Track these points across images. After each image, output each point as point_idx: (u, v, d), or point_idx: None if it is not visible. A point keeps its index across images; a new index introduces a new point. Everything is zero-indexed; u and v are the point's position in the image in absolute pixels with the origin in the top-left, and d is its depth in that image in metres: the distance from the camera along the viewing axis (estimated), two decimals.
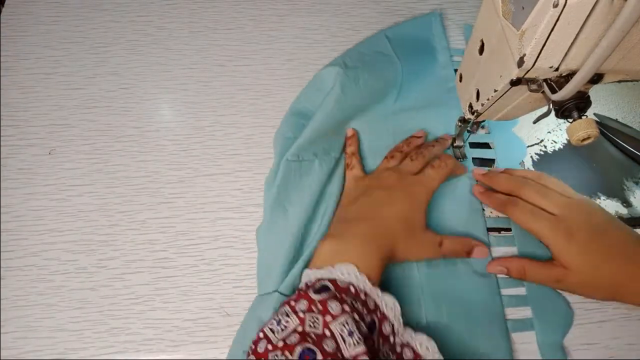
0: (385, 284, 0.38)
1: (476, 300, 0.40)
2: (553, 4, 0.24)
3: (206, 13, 0.54)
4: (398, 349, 0.32)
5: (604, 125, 0.49)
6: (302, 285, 0.35)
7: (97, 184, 0.44)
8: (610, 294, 0.36)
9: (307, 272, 0.36)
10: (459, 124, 0.44)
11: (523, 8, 0.26)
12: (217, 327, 0.40)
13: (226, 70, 0.51)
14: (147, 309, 0.40)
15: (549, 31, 0.25)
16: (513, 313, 0.40)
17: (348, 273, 0.33)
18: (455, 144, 0.46)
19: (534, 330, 0.40)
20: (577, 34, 0.25)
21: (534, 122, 0.35)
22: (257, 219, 0.44)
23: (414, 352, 0.32)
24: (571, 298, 0.41)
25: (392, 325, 0.33)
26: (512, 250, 0.43)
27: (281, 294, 0.37)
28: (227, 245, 0.43)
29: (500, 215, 0.44)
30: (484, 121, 0.44)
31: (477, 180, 0.45)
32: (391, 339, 0.32)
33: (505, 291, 0.41)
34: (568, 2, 0.23)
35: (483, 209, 0.44)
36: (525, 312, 0.40)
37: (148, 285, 0.41)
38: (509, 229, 0.43)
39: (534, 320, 0.40)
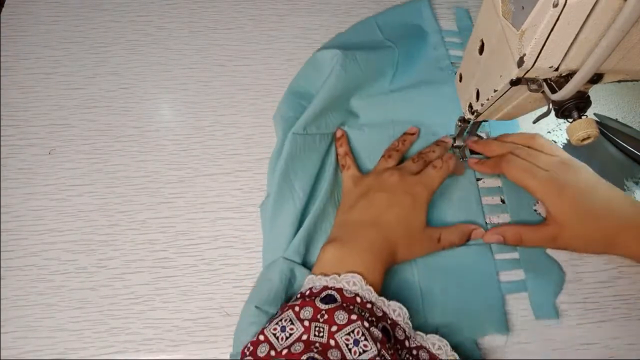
0: None
1: (469, 265, 0.42)
2: (553, 4, 0.24)
3: (206, 13, 0.54)
4: (414, 352, 0.33)
5: (604, 125, 0.49)
6: (305, 289, 0.35)
7: (97, 184, 0.44)
8: (603, 247, 0.37)
9: (311, 277, 0.36)
10: (459, 124, 0.44)
11: (523, 8, 0.26)
12: (217, 327, 0.40)
13: (226, 70, 0.51)
14: (147, 309, 0.40)
15: (549, 31, 0.25)
16: (506, 275, 0.42)
17: (354, 283, 0.33)
18: (455, 144, 0.46)
19: (526, 291, 0.41)
20: (577, 34, 0.25)
21: (534, 122, 0.35)
22: (258, 219, 0.44)
23: (429, 352, 0.33)
24: (574, 297, 0.41)
25: (404, 330, 0.33)
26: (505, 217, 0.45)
27: (286, 259, 0.39)
28: (227, 245, 0.43)
29: (492, 185, 0.46)
30: (483, 121, 0.44)
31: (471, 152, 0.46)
32: (407, 343, 0.33)
33: (498, 256, 0.43)
34: (568, 2, 0.23)
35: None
36: (518, 274, 0.42)
37: (148, 285, 0.41)
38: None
39: (526, 282, 0.41)
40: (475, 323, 0.39)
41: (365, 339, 0.29)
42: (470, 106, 0.38)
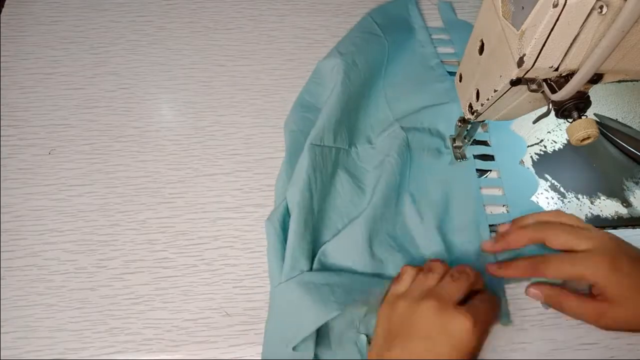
0: None
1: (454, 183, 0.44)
2: (553, 4, 0.24)
3: (206, 13, 0.54)
4: None
5: (604, 125, 0.49)
6: None
7: (97, 184, 0.44)
8: None
9: None
10: (459, 124, 0.44)
11: (523, 8, 0.26)
12: (217, 327, 0.40)
13: (226, 70, 0.51)
14: (147, 309, 0.40)
15: (549, 31, 0.25)
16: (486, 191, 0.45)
17: None
18: (455, 144, 0.46)
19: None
20: (577, 34, 0.25)
21: (534, 122, 0.35)
22: (258, 218, 0.44)
23: None
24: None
25: None
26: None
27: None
28: (227, 245, 0.43)
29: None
30: (482, 121, 0.44)
31: (487, 251, 0.42)
32: None
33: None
34: (568, 2, 0.23)
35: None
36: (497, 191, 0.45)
37: (148, 285, 0.41)
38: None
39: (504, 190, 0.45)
40: None
41: None
42: (470, 106, 0.38)
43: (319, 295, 0.36)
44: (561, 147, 0.49)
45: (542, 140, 0.49)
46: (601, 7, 0.23)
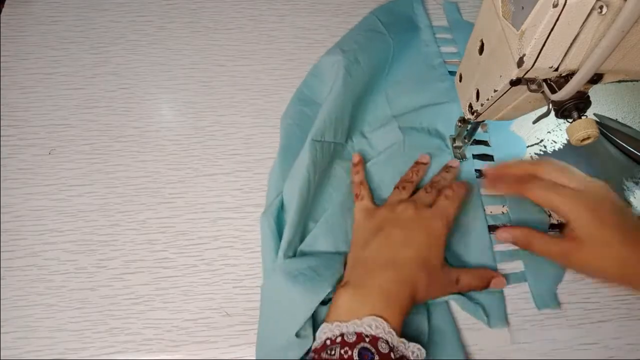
0: None
1: (469, 260, 0.42)
2: (553, 4, 0.24)
3: (206, 13, 0.54)
4: None
5: (604, 125, 0.49)
6: (319, 342, 0.32)
7: (97, 184, 0.44)
8: (618, 277, 0.34)
9: (327, 326, 0.33)
10: (459, 124, 0.44)
11: (523, 8, 0.26)
12: (217, 327, 0.40)
13: (226, 70, 0.51)
14: (147, 309, 0.40)
15: (549, 31, 0.25)
16: (505, 267, 0.42)
17: (377, 326, 0.32)
18: (455, 144, 0.46)
19: (526, 282, 0.41)
20: (577, 34, 0.25)
21: (534, 122, 0.35)
22: (258, 218, 0.44)
23: None
24: (574, 297, 0.41)
25: None
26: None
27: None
28: (227, 245, 0.43)
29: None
30: (482, 122, 0.44)
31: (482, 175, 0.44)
32: None
33: (497, 247, 0.43)
34: (568, 2, 0.23)
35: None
36: (517, 266, 0.42)
37: (148, 285, 0.41)
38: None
39: (526, 273, 0.42)
40: (475, 313, 0.39)
41: None
42: (470, 106, 0.38)
43: (304, 279, 0.37)
44: (561, 147, 0.49)
45: (542, 140, 0.49)
46: (601, 7, 0.23)
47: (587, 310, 0.41)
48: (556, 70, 0.28)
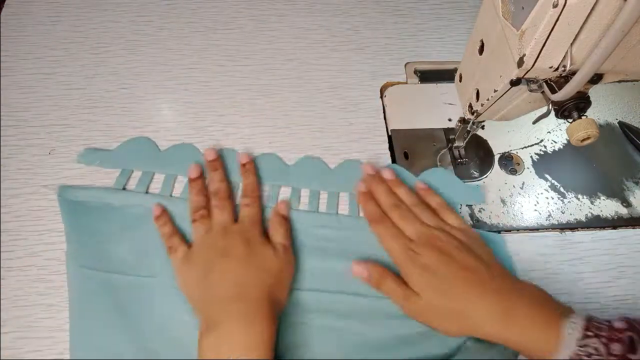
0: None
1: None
2: (553, 4, 0.24)
3: (206, 13, 0.54)
4: None
5: (627, 126, 0.49)
6: None
7: (96, 184, 0.44)
8: (459, 321, 0.35)
9: None
10: (459, 124, 0.44)
11: (523, 8, 0.26)
12: None
13: (226, 70, 0.51)
14: None
15: (549, 31, 0.25)
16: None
17: None
18: (455, 144, 0.46)
19: None
20: (577, 34, 0.25)
21: (534, 123, 0.35)
22: None
23: None
24: (574, 297, 0.41)
25: None
26: None
27: None
28: None
29: None
30: (482, 122, 0.44)
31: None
32: None
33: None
34: (568, 2, 0.23)
35: None
36: None
37: None
38: None
39: None
40: None
41: None
42: (470, 106, 0.38)
43: None
44: (561, 147, 0.49)
45: (542, 140, 0.49)
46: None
47: (587, 310, 0.41)
48: (556, 70, 0.28)
